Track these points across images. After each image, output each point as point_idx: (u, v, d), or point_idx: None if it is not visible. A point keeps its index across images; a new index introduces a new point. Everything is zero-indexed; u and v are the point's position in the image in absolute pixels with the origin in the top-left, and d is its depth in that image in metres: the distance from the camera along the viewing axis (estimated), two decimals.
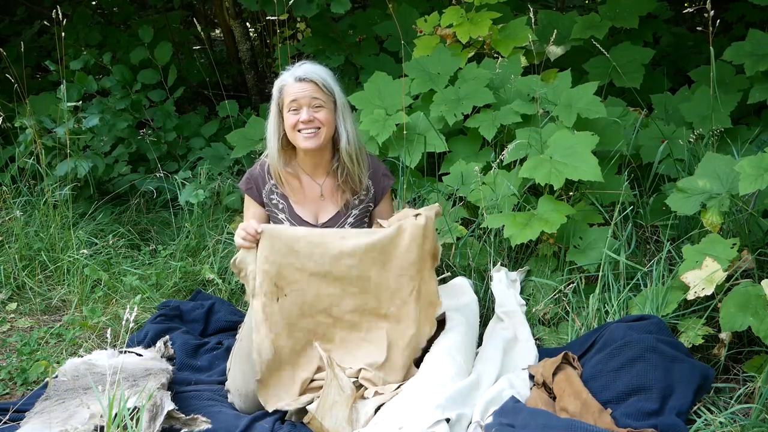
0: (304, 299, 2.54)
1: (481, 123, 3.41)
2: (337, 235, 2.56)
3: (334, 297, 2.56)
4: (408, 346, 2.57)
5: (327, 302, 2.56)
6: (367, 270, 2.55)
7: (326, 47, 4.72)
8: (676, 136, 3.44)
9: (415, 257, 2.55)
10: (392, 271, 2.56)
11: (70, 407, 2.31)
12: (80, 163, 3.96)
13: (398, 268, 2.56)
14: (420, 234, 2.54)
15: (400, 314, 2.58)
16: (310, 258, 2.52)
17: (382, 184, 2.80)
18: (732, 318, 2.45)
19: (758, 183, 2.56)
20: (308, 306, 2.54)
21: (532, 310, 2.97)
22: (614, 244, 2.95)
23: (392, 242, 2.55)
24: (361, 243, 2.53)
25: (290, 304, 2.52)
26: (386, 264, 2.55)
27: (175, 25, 5.92)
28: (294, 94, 2.58)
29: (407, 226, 2.55)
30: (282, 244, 2.50)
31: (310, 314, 2.55)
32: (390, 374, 2.54)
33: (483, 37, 3.78)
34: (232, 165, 4.29)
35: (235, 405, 2.52)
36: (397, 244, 2.55)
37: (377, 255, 2.55)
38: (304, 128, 2.59)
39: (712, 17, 3.08)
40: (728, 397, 2.41)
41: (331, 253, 2.52)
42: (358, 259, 2.53)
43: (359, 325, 2.59)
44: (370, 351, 2.56)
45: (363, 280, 2.56)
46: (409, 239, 2.54)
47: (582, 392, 2.35)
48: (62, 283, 3.47)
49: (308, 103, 2.58)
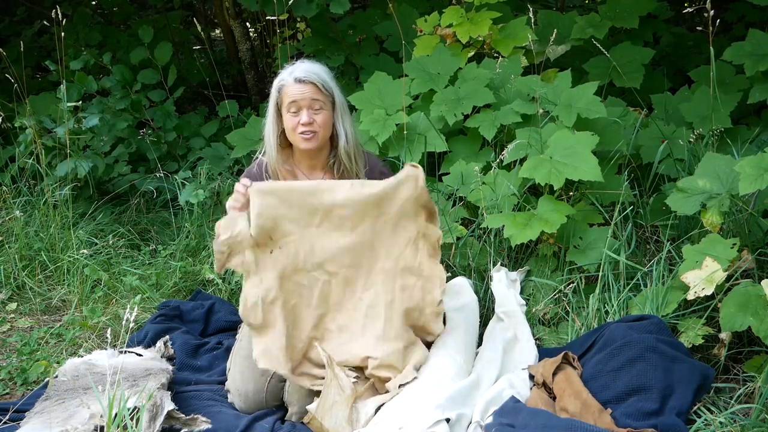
0: (297, 251, 2.47)
1: (481, 123, 3.41)
2: (330, 186, 2.49)
3: (329, 251, 2.50)
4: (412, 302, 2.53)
5: (321, 256, 2.49)
6: (361, 223, 2.50)
7: (326, 47, 4.72)
8: (676, 136, 3.44)
9: (411, 210, 2.50)
10: (389, 222, 2.51)
11: (70, 407, 2.31)
12: (80, 163, 3.96)
13: (395, 216, 2.51)
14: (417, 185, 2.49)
15: (397, 269, 2.53)
16: (303, 208, 2.46)
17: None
18: (732, 318, 2.45)
19: (758, 183, 2.56)
20: (302, 260, 2.48)
21: (532, 310, 2.97)
22: (614, 244, 2.95)
23: (387, 195, 2.50)
24: (353, 193, 2.47)
25: (284, 256, 2.46)
26: (383, 218, 2.51)
27: (175, 25, 5.92)
28: (293, 96, 2.58)
29: (405, 179, 2.49)
30: (274, 198, 2.44)
31: (304, 268, 2.48)
32: (396, 341, 2.49)
33: (483, 36, 3.78)
34: (232, 165, 4.29)
35: (235, 405, 2.52)
36: (392, 197, 2.50)
37: (373, 208, 2.49)
38: (303, 130, 2.59)
39: (712, 17, 3.08)
40: (728, 397, 2.41)
41: (325, 204, 2.46)
42: (352, 210, 2.48)
43: (354, 281, 2.53)
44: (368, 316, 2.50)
45: (358, 233, 2.50)
46: (406, 191, 2.49)
47: (582, 392, 2.35)
48: (62, 283, 3.47)
49: (308, 105, 2.58)
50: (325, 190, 2.48)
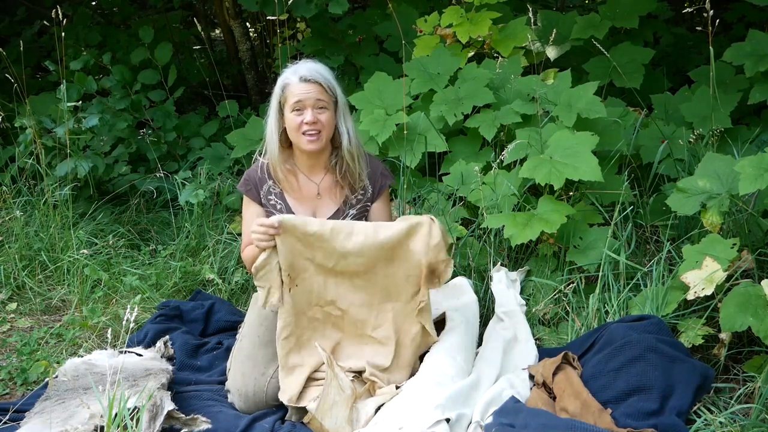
0: (311, 289, 2.53)
1: (481, 123, 3.41)
2: (346, 231, 2.51)
3: (341, 289, 2.55)
4: (413, 342, 2.57)
5: (334, 293, 2.55)
6: (374, 267, 2.53)
7: (326, 47, 4.72)
8: (676, 136, 3.44)
9: (422, 263, 2.51)
10: (400, 267, 2.54)
11: (70, 407, 2.31)
12: (80, 163, 3.96)
13: (406, 265, 2.53)
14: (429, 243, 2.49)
15: (405, 310, 2.57)
16: (318, 251, 2.50)
17: (379, 183, 2.79)
18: (732, 318, 2.45)
19: (758, 183, 2.56)
20: (315, 296, 2.54)
21: (532, 310, 2.97)
22: (614, 244, 2.95)
23: (401, 242, 2.52)
24: (368, 242, 2.50)
25: (299, 294, 2.52)
26: (394, 260, 2.53)
27: (175, 25, 5.92)
28: (299, 95, 2.58)
29: (419, 230, 2.50)
30: (294, 237, 2.48)
31: (317, 304, 2.55)
32: (395, 374, 2.54)
33: (483, 37, 3.79)
34: (232, 165, 4.29)
35: (235, 405, 2.52)
36: (407, 245, 2.52)
37: (386, 252, 2.52)
38: (307, 129, 2.59)
39: (712, 17, 3.09)
40: (728, 397, 2.41)
41: (339, 251, 2.50)
42: (365, 258, 2.52)
43: (366, 321, 2.58)
44: (377, 350, 2.56)
45: (370, 274, 2.54)
46: (420, 243, 2.50)
47: (582, 392, 2.35)
48: (62, 283, 3.47)
49: (313, 105, 2.58)
50: (340, 233, 2.50)
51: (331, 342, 2.57)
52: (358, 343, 2.59)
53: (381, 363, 2.53)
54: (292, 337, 2.51)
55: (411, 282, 2.55)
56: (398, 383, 2.52)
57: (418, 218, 2.52)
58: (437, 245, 2.48)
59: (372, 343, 2.58)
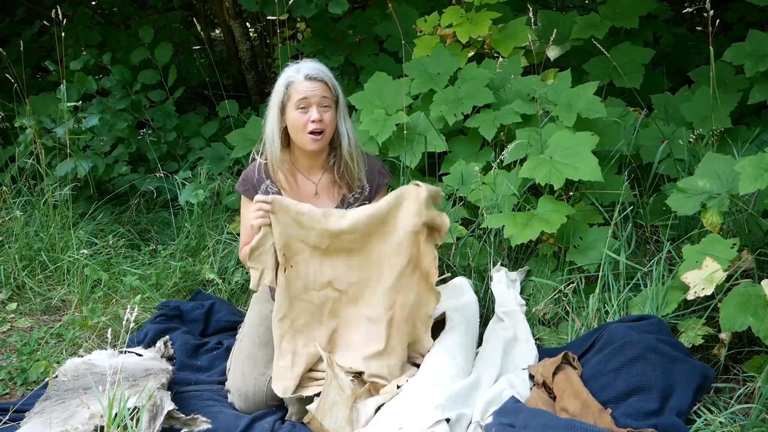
0: (307, 272, 2.53)
1: (481, 123, 3.41)
2: (338, 215, 2.53)
3: (338, 270, 2.55)
4: (408, 318, 2.56)
5: (331, 274, 2.55)
6: (368, 242, 2.54)
7: (326, 47, 4.72)
8: (676, 136, 3.44)
9: (411, 228, 2.52)
10: (392, 242, 2.54)
11: (70, 407, 2.31)
12: (80, 163, 3.96)
13: (397, 238, 2.53)
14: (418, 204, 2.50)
15: (398, 285, 2.55)
16: (311, 231, 2.51)
17: (377, 181, 2.79)
18: (732, 318, 2.45)
19: (758, 183, 2.56)
20: (312, 280, 2.54)
21: (532, 310, 2.97)
22: (614, 244, 2.95)
23: (391, 213, 2.53)
24: (360, 218, 2.51)
25: (294, 276, 2.52)
26: (387, 236, 2.54)
27: (175, 25, 5.92)
28: (304, 92, 2.57)
29: (407, 196, 2.52)
30: (288, 216, 2.49)
31: (314, 288, 2.55)
32: (392, 357, 2.52)
33: (483, 37, 3.79)
34: (232, 165, 4.29)
35: (235, 405, 2.52)
36: (395, 215, 2.53)
37: (378, 227, 2.53)
38: (314, 128, 2.58)
39: (712, 17, 3.09)
40: (728, 397, 2.41)
41: (331, 230, 2.51)
42: (358, 234, 2.52)
43: (360, 299, 2.57)
44: (370, 331, 2.55)
45: (365, 252, 2.55)
46: (408, 209, 2.51)
47: (582, 392, 2.35)
48: (62, 283, 3.47)
49: (318, 103, 2.58)
50: (333, 215, 2.52)
51: (328, 330, 2.56)
52: (354, 325, 2.57)
53: (375, 348, 2.52)
54: (287, 320, 2.51)
55: (402, 251, 2.53)
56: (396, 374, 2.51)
57: (404, 187, 2.54)
58: (426, 201, 2.49)
59: (363, 323, 2.56)
